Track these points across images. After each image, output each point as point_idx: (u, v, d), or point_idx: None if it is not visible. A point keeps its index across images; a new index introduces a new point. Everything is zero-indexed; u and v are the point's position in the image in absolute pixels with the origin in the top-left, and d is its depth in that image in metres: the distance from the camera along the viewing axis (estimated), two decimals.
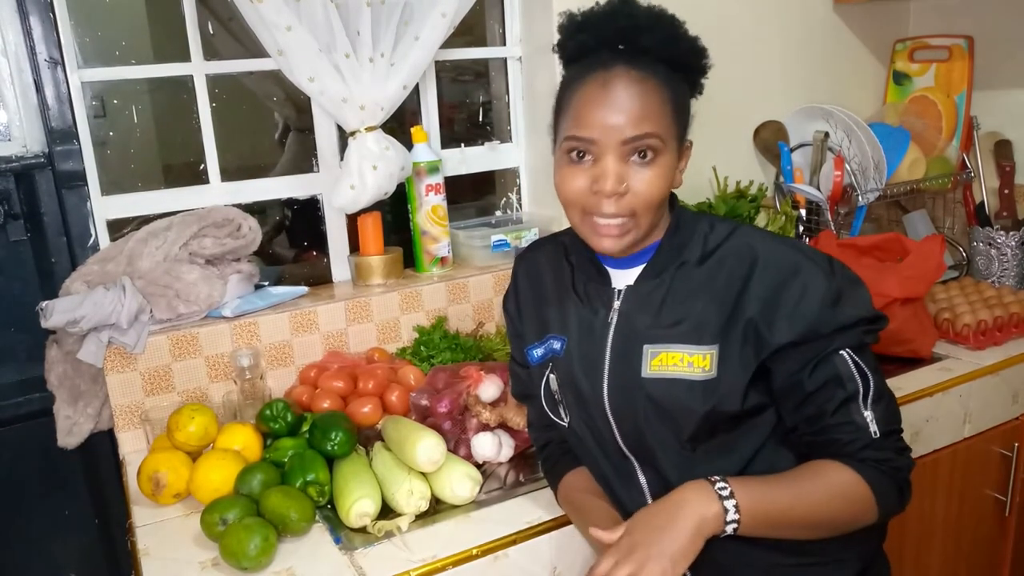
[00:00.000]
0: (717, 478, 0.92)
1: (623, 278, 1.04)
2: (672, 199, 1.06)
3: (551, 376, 1.10)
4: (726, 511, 0.89)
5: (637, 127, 0.91)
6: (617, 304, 1.03)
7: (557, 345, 1.08)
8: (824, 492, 0.93)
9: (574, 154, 0.96)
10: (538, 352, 1.12)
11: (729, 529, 0.90)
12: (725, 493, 0.90)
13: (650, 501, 1.04)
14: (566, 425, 1.11)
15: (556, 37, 1.00)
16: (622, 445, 1.04)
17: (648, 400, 0.98)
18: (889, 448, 0.95)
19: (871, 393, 0.94)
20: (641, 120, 0.92)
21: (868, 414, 0.94)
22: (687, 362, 0.97)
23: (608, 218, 0.95)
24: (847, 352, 0.94)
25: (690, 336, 0.97)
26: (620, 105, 0.92)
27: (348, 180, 1.60)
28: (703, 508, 0.89)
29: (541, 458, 1.22)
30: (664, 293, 1.00)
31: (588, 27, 0.96)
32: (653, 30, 0.93)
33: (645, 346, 0.99)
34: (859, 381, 0.94)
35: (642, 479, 1.04)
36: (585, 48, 0.97)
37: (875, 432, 0.94)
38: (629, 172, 0.93)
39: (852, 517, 0.95)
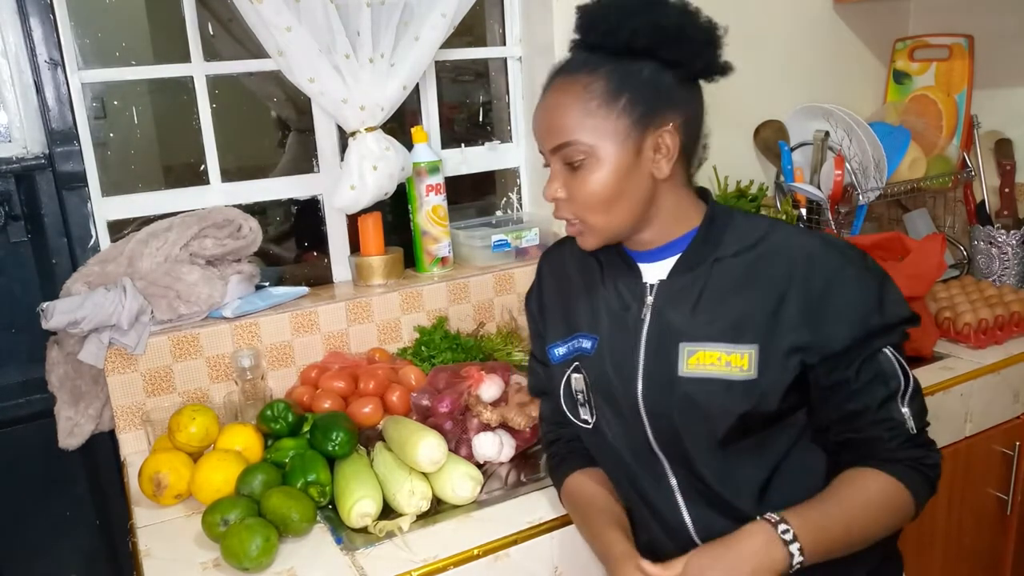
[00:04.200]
0: (778, 519, 0.90)
1: (654, 272, 1.02)
2: (704, 192, 1.05)
3: (575, 376, 1.08)
4: (791, 556, 0.89)
5: (555, 138, 0.96)
6: (650, 299, 1.01)
7: (587, 344, 1.06)
8: (874, 508, 0.93)
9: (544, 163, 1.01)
10: (560, 351, 1.10)
11: (794, 568, 0.89)
12: (788, 537, 0.89)
13: (680, 501, 1.02)
14: (589, 426, 1.08)
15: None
16: (654, 445, 1.01)
17: (685, 399, 0.96)
18: (923, 444, 0.96)
19: (910, 390, 0.95)
20: (557, 131, 0.95)
21: (906, 410, 0.95)
22: (725, 361, 0.95)
23: (566, 222, 1.00)
24: (890, 350, 0.95)
25: (728, 334, 0.95)
26: (543, 117, 0.98)
27: (348, 180, 1.60)
28: (769, 558, 0.88)
29: (548, 453, 1.21)
30: (701, 288, 0.98)
31: (575, 42, 1.00)
32: (597, 25, 0.94)
33: (681, 344, 0.97)
34: (901, 378, 0.95)
35: (672, 480, 1.02)
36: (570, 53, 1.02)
37: (911, 428, 0.95)
38: (570, 179, 0.97)
39: (897, 522, 0.96)
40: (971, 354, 1.67)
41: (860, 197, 1.87)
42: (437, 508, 1.24)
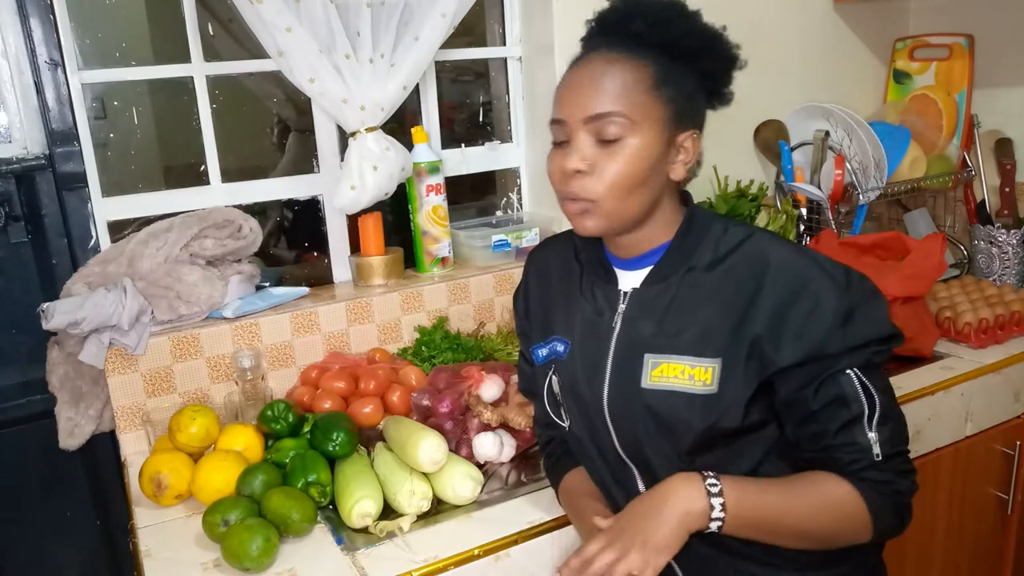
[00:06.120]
0: (709, 473, 0.91)
1: (630, 280, 1.02)
2: (686, 197, 1.04)
3: (553, 378, 1.09)
4: (712, 508, 0.89)
5: (598, 105, 0.91)
6: (622, 307, 1.01)
7: (561, 348, 1.07)
8: (817, 504, 0.91)
9: (555, 139, 0.96)
10: (542, 352, 1.10)
11: (713, 527, 0.89)
12: (714, 490, 0.89)
13: None
14: (566, 428, 1.10)
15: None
16: (621, 452, 1.02)
17: (647, 411, 0.96)
18: (891, 470, 0.92)
19: (877, 414, 0.91)
20: (602, 97, 0.90)
21: (872, 435, 0.91)
22: (688, 374, 0.94)
23: (572, 200, 0.94)
24: (854, 372, 0.91)
25: (693, 347, 0.94)
26: (586, 83, 0.92)
27: (349, 181, 1.60)
28: (689, 502, 0.89)
29: (544, 455, 1.22)
30: (670, 299, 0.98)
31: (596, 21, 0.98)
32: (645, 14, 0.92)
33: (646, 355, 0.97)
34: (864, 402, 0.91)
35: (641, 487, 1.02)
36: (585, 41, 0.98)
37: (877, 454, 0.91)
38: (598, 154, 0.92)
39: (844, 533, 0.93)
40: (971, 354, 1.67)
41: (860, 197, 1.87)
42: (437, 508, 1.24)
